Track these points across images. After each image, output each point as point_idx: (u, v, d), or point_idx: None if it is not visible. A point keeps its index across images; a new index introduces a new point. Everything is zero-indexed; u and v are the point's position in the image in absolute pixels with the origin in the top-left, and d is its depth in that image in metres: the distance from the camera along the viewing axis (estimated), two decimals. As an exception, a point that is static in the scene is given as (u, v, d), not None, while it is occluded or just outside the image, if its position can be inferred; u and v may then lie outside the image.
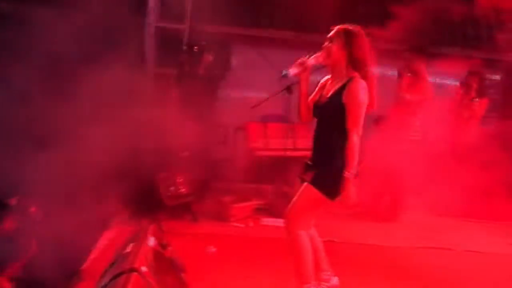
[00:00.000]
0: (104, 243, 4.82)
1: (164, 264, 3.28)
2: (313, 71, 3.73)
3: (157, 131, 5.97)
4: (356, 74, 3.50)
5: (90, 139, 4.92)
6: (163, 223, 5.33)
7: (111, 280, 2.70)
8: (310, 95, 3.79)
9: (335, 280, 3.87)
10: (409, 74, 6.45)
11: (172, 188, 5.52)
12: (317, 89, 3.80)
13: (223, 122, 8.58)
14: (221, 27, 8.06)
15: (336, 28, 3.63)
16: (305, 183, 3.64)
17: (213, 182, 7.19)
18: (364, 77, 3.50)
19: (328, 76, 3.73)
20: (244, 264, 4.56)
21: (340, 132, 3.50)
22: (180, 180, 5.64)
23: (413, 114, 6.35)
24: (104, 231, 5.18)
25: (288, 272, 4.43)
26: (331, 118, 3.56)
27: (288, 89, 6.02)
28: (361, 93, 3.45)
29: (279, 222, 5.95)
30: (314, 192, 3.58)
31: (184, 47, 6.94)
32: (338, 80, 3.59)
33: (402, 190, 6.67)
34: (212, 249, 4.75)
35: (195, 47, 6.89)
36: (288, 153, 6.45)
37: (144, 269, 2.76)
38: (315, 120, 3.74)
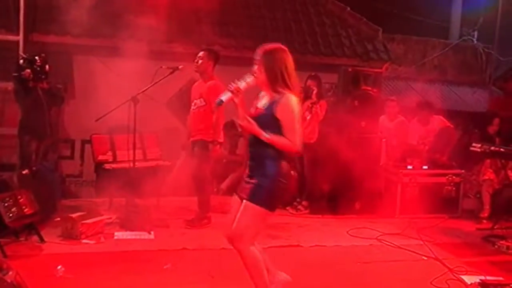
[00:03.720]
0: None
1: (5, 290, 3.08)
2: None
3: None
4: (285, 90, 3.60)
5: None
6: (6, 247, 5.02)
7: None
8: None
9: (283, 275, 3.96)
10: None
11: (14, 209, 5.16)
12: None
13: (68, 136, 8.28)
14: (60, 37, 7.77)
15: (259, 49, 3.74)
16: (244, 201, 3.66)
17: (61, 199, 6.89)
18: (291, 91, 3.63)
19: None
20: (95, 282, 4.41)
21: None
22: (22, 200, 5.29)
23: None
24: None
25: (141, 284, 4.40)
26: (262, 129, 3.60)
27: (134, 99, 6.00)
28: (294, 108, 3.57)
29: (133, 235, 5.88)
30: (254, 208, 3.61)
31: (20, 60, 6.54)
32: (269, 95, 3.69)
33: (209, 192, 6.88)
34: (61, 269, 4.53)
35: (37, 59, 6.55)
36: (138, 164, 6.36)
37: (-19, 298, 2.58)
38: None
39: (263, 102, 3.75)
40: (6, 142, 7.53)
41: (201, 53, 6.32)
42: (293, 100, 3.60)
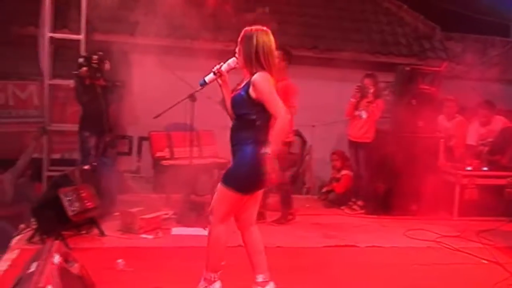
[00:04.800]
0: (5, 266, 4.56)
1: (71, 281, 3.17)
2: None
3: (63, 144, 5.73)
4: (260, 70, 3.67)
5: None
6: (69, 239, 5.18)
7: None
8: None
9: (271, 285, 3.95)
10: None
11: (77, 204, 5.31)
12: None
13: (126, 133, 8.46)
14: (119, 36, 7.94)
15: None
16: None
17: (120, 194, 7.05)
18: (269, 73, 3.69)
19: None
20: (154, 276, 4.50)
21: (246, 125, 3.70)
22: (84, 194, 5.44)
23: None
24: (4, 253, 4.92)
25: (197, 279, 4.44)
26: (238, 112, 3.74)
27: (191, 97, 6.05)
28: (266, 82, 3.63)
29: (189, 231, 5.96)
30: (224, 189, 3.73)
31: (81, 58, 6.73)
32: (248, 77, 3.75)
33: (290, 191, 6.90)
34: (121, 262, 4.64)
35: (95, 57, 6.72)
36: (194, 161, 6.44)
37: (50, 288, 2.67)
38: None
39: (243, 83, 3.80)
40: (68, 138, 7.77)
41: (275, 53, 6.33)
42: (264, 75, 3.65)
